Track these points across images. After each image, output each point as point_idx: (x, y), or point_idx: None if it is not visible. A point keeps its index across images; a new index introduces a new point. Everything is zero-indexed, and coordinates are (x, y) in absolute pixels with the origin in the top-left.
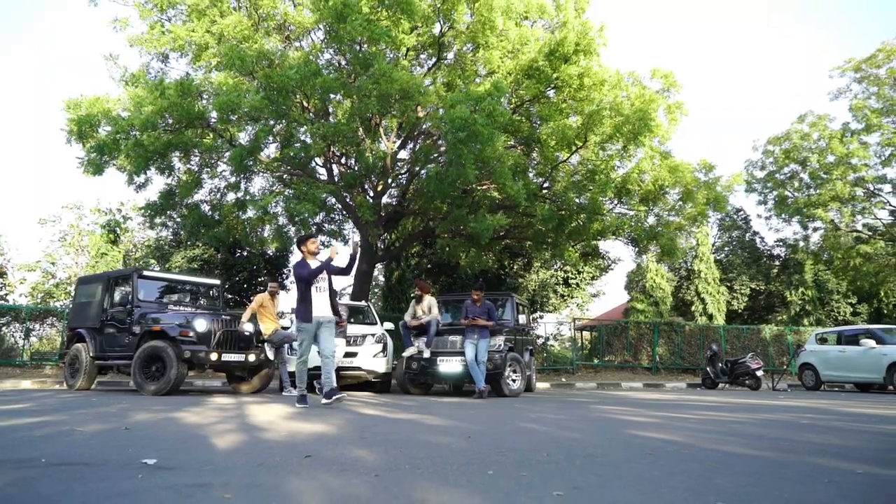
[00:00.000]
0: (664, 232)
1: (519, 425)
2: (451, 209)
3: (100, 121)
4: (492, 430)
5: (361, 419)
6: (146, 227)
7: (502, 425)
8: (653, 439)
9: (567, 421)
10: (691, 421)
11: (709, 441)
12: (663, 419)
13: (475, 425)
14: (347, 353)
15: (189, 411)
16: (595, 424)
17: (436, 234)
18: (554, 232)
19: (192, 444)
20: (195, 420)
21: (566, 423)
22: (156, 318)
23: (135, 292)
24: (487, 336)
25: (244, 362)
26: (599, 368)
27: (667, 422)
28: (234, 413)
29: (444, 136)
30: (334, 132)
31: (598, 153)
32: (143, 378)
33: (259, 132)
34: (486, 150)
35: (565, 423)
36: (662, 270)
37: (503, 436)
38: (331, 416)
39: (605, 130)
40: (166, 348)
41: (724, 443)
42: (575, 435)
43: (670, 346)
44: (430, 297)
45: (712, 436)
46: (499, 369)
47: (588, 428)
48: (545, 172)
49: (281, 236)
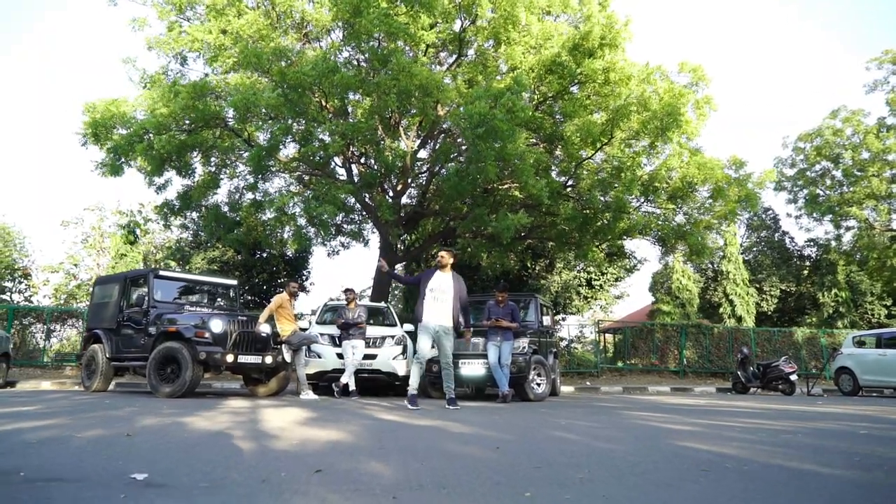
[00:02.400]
0: (693, 231)
1: (550, 434)
2: (471, 209)
3: (115, 123)
4: (521, 439)
5: (379, 425)
6: (163, 227)
7: (532, 433)
8: (702, 451)
9: (601, 429)
10: (736, 429)
11: (766, 455)
12: (705, 427)
13: (502, 433)
14: (366, 356)
15: (199, 416)
16: (632, 433)
17: (456, 234)
18: (578, 231)
19: (194, 454)
20: (203, 426)
21: (600, 431)
22: (172, 319)
23: (151, 293)
24: (511, 338)
25: (261, 364)
26: (624, 372)
27: (710, 430)
28: (246, 418)
29: (462, 132)
30: (353, 130)
31: (623, 150)
32: (157, 380)
33: (276, 131)
34: (506, 146)
35: (599, 431)
36: (689, 271)
37: (535, 446)
38: (347, 422)
39: (631, 126)
40: (181, 349)
41: (786, 457)
42: (614, 446)
43: (698, 349)
44: None
45: (767, 448)
46: (523, 372)
47: (626, 437)
48: (569, 171)
49: (300, 237)
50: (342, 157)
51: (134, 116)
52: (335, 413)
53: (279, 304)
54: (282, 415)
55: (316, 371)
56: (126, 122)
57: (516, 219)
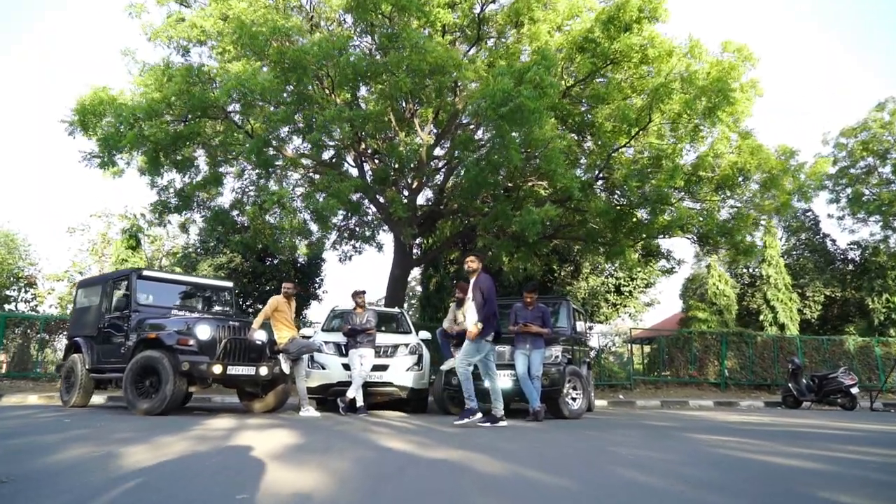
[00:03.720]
0: (740, 227)
1: (621, 474)
2: (493, 207)
3: (105, 111)
4: (585, 485)
5: (380, 459)
6: (159, 225)
7: (595, 473)
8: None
9: (684, 464)
10: (863, 464)
11: None
12: (819, 460)
13: (553, 473)
14: (377, 366)
15: (152, 442)
16: (731, 469)
17: (476, 234)
18: (611, 229)
19: None
20: (141, 459)
21: (687, 468)
22: (154, 325)
23: (133, 295)
24: (542, 346)
25: (255, 376)
26: (660, 384)
27: (828, 464)
28: (214, 446)
29: (483, 114)
30: (363, 119)
31: (664, 135)
32: (134, 394)
33: (272, 115)
34: (533, 131)
35: (686, 468)
36: (726, 276)
37: (612, 499)
38: (339, 454)
39: (673, 108)
40: (162, 359)
41: None
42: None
43: (740, 360)
44: None
45: None
46: (556, 385)
47: (730, 479)
48: (600, 162)
49: (302, 234)
50: (353, 153)
51: (125, 103)
52: (329, 438)
53: (275, 308)
54: (260, 442)
55: (319, 384)
56: (116, 108)
57: (543, 212)
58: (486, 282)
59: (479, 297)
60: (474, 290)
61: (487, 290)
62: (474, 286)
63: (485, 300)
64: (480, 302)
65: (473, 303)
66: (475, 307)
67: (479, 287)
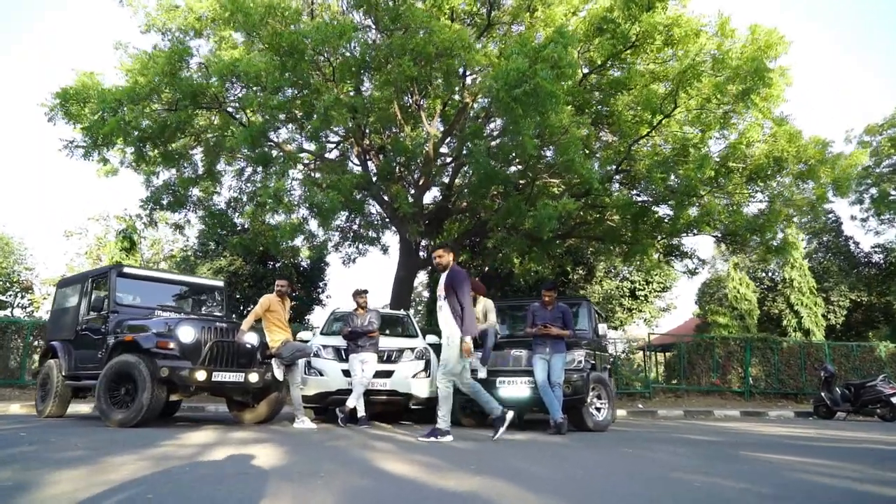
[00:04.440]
0: (771, 222)
1: None
2: (504, 202)
3: (89, 97)
4: None
5: (377, 490)
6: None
7: None
8: None
9: (787, 498)
10: None
11: None
12: None
13: None
14: (380, 373)
15: (103, 464)
16: None
17: (487, 230)
18: (630, 226)
19: None
20: (66, 491)
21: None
22: (133, 326)
23: (112, 294)
24: (563, 349)
25: (243, 384)
26: (680, 393)
27: None
28: (171, 469)
29: (495, 96)
30: (365, 107)
31: (695, 118)
32: (108, 403)
33: (268, 99)
34: (549, 116)
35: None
36: (747, 279)
37: None
38: (326, 484)
39: (701, 92)
40: (138, 364)
41: None
42: None
43: (765, 367)
44: (486, 299)
45: None
46: (580, 394)
47: None
48: (618, 155)
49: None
50: (357, 148)
51: (109, 89)
52: (319, 458)
53: (267, 307)
54: (233, 464)
55: (316, 392)
56: (102, 95)
57: (561, 205)
58: (460, 279)
59: (455, 304)
60: (447, 291)
61: (461, 290)
62: (446, 285)
63: (462, 306)
64: (458, 309)
65: (447, 305)
66: (451, 313)
67: (453, 287)
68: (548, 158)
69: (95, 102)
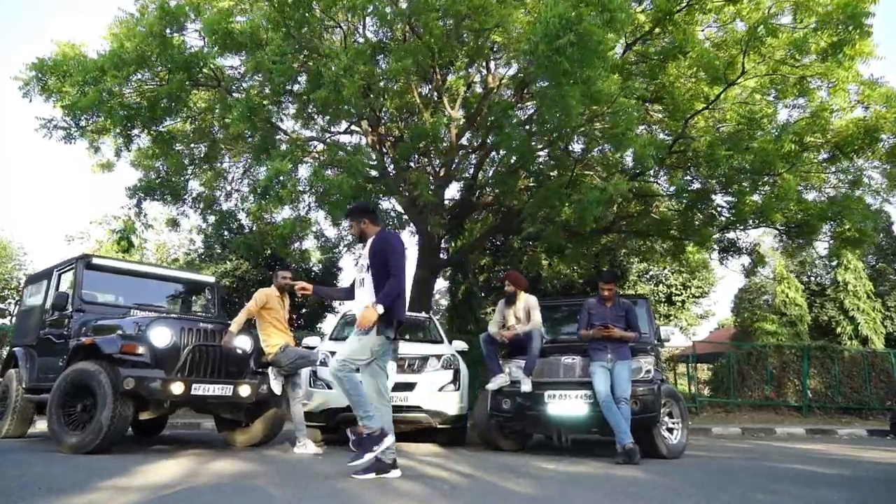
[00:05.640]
0: (851, 208)
1: None
2: (539, 189)
3: (70, 69)
4: None
5: None
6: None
7: None
8: None
9: None
10: None
11: None
12: None
13: None
14: (400, 385)
15: None
16: None
17: (521, 221)
18: (681, 217)
19: None
20: None
21: None
22: (98, 327)
23: (77, 289)
24: (628, 356)
25: (232, 398)
26: (730, 408)
27: None
28: None
29: (534, 51)
30: (378, 84)
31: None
32: (61, 423)
33: (264, 60)
34: (596, 79)
35: None
36: (796, 282)
37: None
38: None
39: (774, 52)
40: (98, 374)
41: None
42: None
43: (824, 379)
44: (529, 295)
45: None
46: (651, 411)
47: None
48: (671, 133)
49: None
50: (372, 137)
51: (92, 59)
52: (320, 498)
53: (263, 304)
54: None
55: (322, 408)
56: (82, 63)
57: (612, 186)
58: (394, 244)
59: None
60: (374, 259)
61: (394, 254)
62: (373, 251)
63: (389, 271)
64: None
65: (369, 278)
66: (370, 280)
67: (384, 253)
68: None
69: (75, 73)
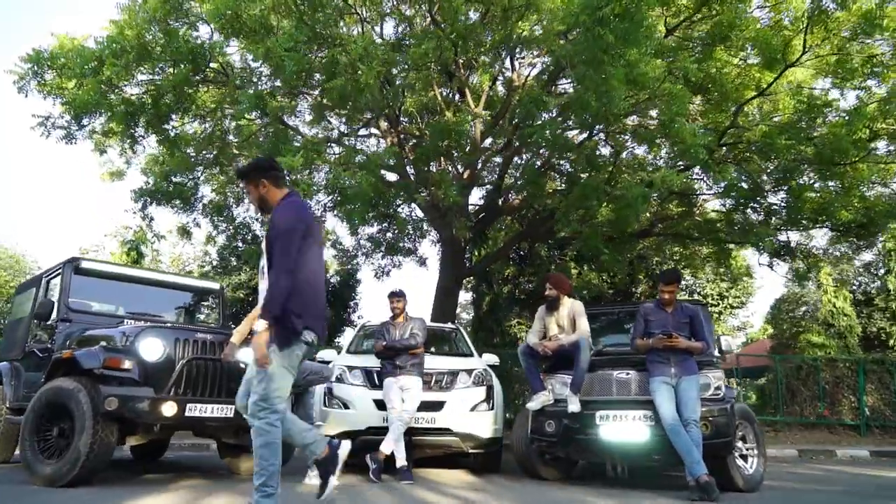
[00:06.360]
0: None
1: None
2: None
3: (70, 62)
4: None
5: None
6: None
7: None
8: None
9: None
10: None
11: None
12: None
13: None
14: (427, 404)
15: None
16: None
17: (550, 226)
18: (727, 217)
19: None
20: None
21: None
22: (83, 339)
23: (63, 296)
24: (695, 370)
25: (234, 420)
26: (779, 426)
27: None
28: None
29: (572, 27)
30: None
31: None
32: (35, 451)
33: (276, 46)
34: (639, 64)
35: None
36: (844, 291)
37: None
38: None
39: (841, 27)
40: (76, 393)
41: None
42: None
43: (882, 395)
44: (574, 300)
45: None
46: (724, 436)
47: None
48: (719, 124)
49: None
50: (391, 138)
51: (87, 47)
52: None
53: None
54: None
55: (339, 431)
56: (80, 52)
57: (660, 178)
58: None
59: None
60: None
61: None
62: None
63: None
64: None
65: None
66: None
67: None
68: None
69: (73, 64)
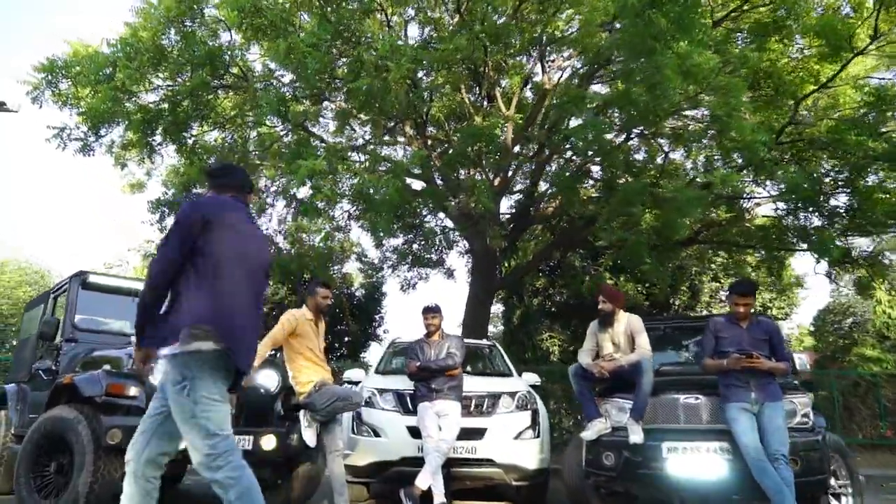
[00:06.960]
0: None
1: None
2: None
3: (84, 69)
4: None
5: None
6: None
7: None
8: None
9: None
10: None
11: None
12: None
13: None
14: (467, 432)
15: None
16: None
17: (585, 236)
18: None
19: None
20: None
21: None
22: (88, 361)
23: (69, 313)
24: (780, 396)
25: (252, 451)
26: None
27: None
28: None
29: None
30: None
31: None
32: (30, 489)
33: (298, 43)
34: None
35: None
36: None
37: None
38: None
39: None
40: (76, 424)
41: None
42: None
43: None
44: (631, 315)
45: None
46: (817, 473)
47: None
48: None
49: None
50: (418, 143)
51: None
52: None
53: (291, 330)
54: None
55: (369, 462)
56: (93, 58)
57: (717, 178)
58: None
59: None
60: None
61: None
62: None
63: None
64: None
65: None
66: None
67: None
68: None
69: (87, 71)
